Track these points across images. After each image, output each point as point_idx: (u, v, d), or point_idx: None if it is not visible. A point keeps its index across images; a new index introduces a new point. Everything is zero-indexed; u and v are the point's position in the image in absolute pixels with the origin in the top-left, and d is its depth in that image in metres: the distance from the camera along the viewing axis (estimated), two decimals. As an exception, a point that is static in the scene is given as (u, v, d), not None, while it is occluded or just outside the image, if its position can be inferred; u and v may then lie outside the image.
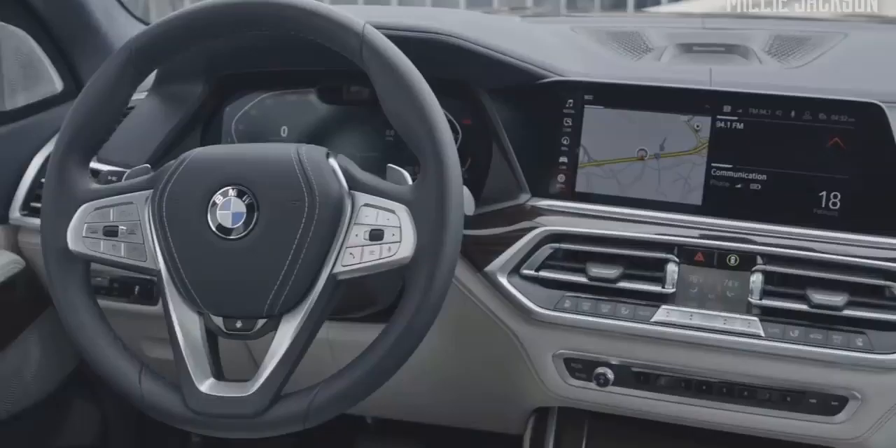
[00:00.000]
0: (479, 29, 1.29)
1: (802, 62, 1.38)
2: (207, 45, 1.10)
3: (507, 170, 1.25)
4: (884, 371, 1.09)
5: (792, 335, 1.11)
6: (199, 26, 1.07)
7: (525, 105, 1.27)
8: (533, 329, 1.19)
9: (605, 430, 1.29)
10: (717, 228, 1.17)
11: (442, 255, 0.98)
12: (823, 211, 1.15)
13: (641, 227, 1.18)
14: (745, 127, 1.18)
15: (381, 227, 1.00)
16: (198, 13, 1.07)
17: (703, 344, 1.13)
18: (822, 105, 1.16)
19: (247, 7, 1.05)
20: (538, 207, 1.22)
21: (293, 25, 1.05)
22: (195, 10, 1.07)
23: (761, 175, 1.18)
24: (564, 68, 1.27)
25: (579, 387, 1.21)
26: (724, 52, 1.43)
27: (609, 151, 1.23)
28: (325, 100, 1.37)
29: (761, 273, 1.13)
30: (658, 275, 1.16)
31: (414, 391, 1.36)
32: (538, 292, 1.18)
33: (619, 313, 1.16)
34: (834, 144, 1.15)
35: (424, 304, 0.97)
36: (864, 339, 1.10)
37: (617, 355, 1.19)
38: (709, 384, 1.18)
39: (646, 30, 1.52)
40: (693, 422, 1.22)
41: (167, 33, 1.08)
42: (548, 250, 1.19)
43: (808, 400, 1.15)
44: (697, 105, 1.20)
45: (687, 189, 1.20)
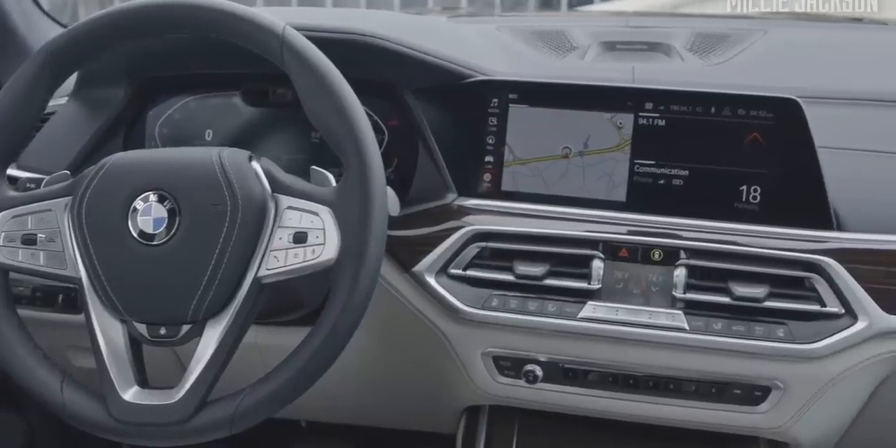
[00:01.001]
0: (403, 29, 1.29)
1: (723, 59, 1.40)
2: (127, 47, 1.08)
3: (434, 170, 1.25)
4: (804, 360, 1.11)
5: (715, 327, 1.13)
6: (117, 29, 1.06)
7: (450, 105, 1.27)
8: (461, 328, 1.20)
9: (536, 427, 1.30)
10: (641, 224, 1.18)
11: (366, 257, 0.97)
12: (744, 205, 1.17)
13: (567, 225, 1.19)
14: (666, 123, 1.20)
15: (304, 229, 1.00)
16: (115, 16, 1.05)
17: (629, 338, 1.14)
18: (741, 101, 1.18)
19: (164, 10, 1.04)
20: (465, 207, 1.22)
21: (213, 28, 1.04)
22: (112, 12, 1.06)
23: (683, 171, 1.19)
24: (489, 68, 1.28)
25: (508, 384, 1.22)
26: (647, 49, 1.45)
27: (534, 150, 1.23)
28: (250, 102, 1.36)
29: (685, 267, 1.15)
30: (584, 271, 1.17)
31: (345, 393, 1.36)
32: (466, 291, 1.18)
33: (546, 310, 1.16)
34: (753, 139, 1.17)
35: (349, 306, 0.97)
36: (785, 329, 1.12)
37: (545, 352, 1.19)
38: (636, 378, 1.19)
39: (571, 29, 1.54)
40: (622, 416, 1.23)
41: (83, 36, 1.06)
42: (475, 249, 1.19)
43: (733, 391, 1.17)
44: (620, 103, 1.21)
45: (611, 186, 1.21)
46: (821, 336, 1.11)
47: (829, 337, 1.10)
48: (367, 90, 1.25)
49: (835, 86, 1.34)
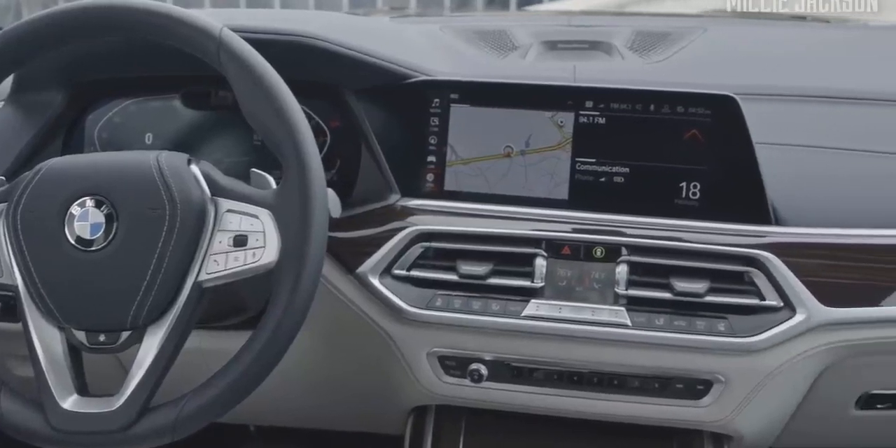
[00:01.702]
0: (343, 30, 1.29)
1: (662, 57, 1.42)
2: (63, 50, 1.07)
3: (377, 171, 1.25)
4: (745, 354, 1.13)
5: (657, 323, 1.14)
6: (49, 32, 1.04)
7: (392, 105, 1.27)
8: (406, 328, 1.19)
9: (483, 426, 1.30)
10: (583, 222, 1.19)
11: (307, 258, 0.97)
12: (684, 201, 1.19)
13: (509, 224, 1.20)
14: (606, 121, 1.21)
15: (244, 232, 0.99)
16: (47, 19, 1.04)
17: (573, 335, 1.15)
18: (679, 98, 1.19)
19: (98, 12, 1.03)
20: (408, 207, 1.22)
21: (150, 30, 1.03)
22: (44, 15, 1.05)
23: (624, 168, 1.20)
24: (430, 68, 1.28)
25: (454, 384, 1.22)
26: (588, 48, 1.46)
27: (476, 149, 1.24)
28: (191, 105, 1.35)
29: (626, 264, 1.16)
30: (527, 270, 1.17)
31: (291, 396, 1.35)
32: (410, 292, 1.18)
33: (490, 309, 1.16)
34: (692, 136, 1.19)
35: (291, 308, 0.97)
36: (725, 323, 1.13)
37: (490, 351, 1.19)
38: (580, 375, 1.19)
39: (513, 28, 1.54)
40: (568, 413, 1.23)
41: (15, 40, 1.05)
42: (418, 249, 1.19)
43: (676, 385, 1.18)
44: (560, 101, 1.22)
45: (553, 184, 1.21)
46: (760, 329, 1.12)
47: (769, 330, 1.12)
48: (308, 92, 1.26)
49: (773, 82, 1.36)
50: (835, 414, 1.28)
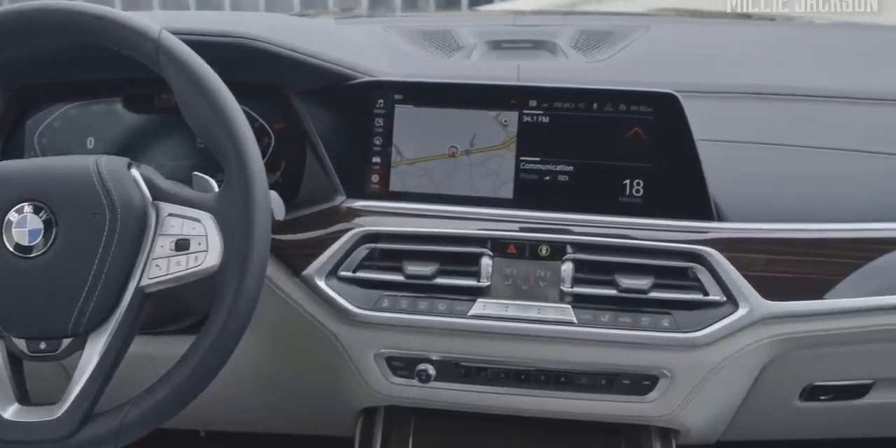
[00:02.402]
0: (285, 32, 1.28)
1: (606, 56, 1.43)
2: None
3: (322, 172, 1.25)
4: (689, 349, 1.14)
5: (602, 320, 1.14)
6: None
7: (336, 106, 1.26)
8: (353, 330, 1.19)
9: (432, 427, 1.30)
10: (528, 220, 1.19)
11: (250, 262, 0.96)
12: (628, 198, 1.20)
13: (455, 223, 1.20)
14: (550, 120, 1.21)
15: (186, 236, 0.99)
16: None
17: (520, 334, 1.16)
18: (621, 97, 1.20)
19: (34, 14, 1.01)
20: (354, 208, 1.22)
21: (86, 33, 1.02)
22: None
23: (568, 166, 1.21)
24: (374, 69, 1.28)
25: (402, 385, 1.22)
26: (532, 48, 1.47)
27: (421, 150, 1.24)
28: (133, 108, 1.33)
29: (571, 261, 1.16)
30: (473, 269, 1.17)
31: (240, 400, 1.34)
32: (356, 293, 1.18)
33: (437, 309, 1.17)
34: (634, 134, 1.20)
35: (235, 312, 0.96)
36: (669, 319, 1.14)
37: (437, 351, 1.19)
38: (528, 373, 1.20)
39: (458, 28, 1.55)
40: (517, 411, 1.24)
41: None
42: (364, 251, 1.19)
43: (622, 381, 1.19)
44: (504, 101, 1.22)
45: (498, 183, 1.22)
46: (704, 324, 1.13)
47: (712, 325, 1.13)
48: (252, 93, 1.25)
49: (714, 80, 1.38)
50: (779, 406, 1.30)
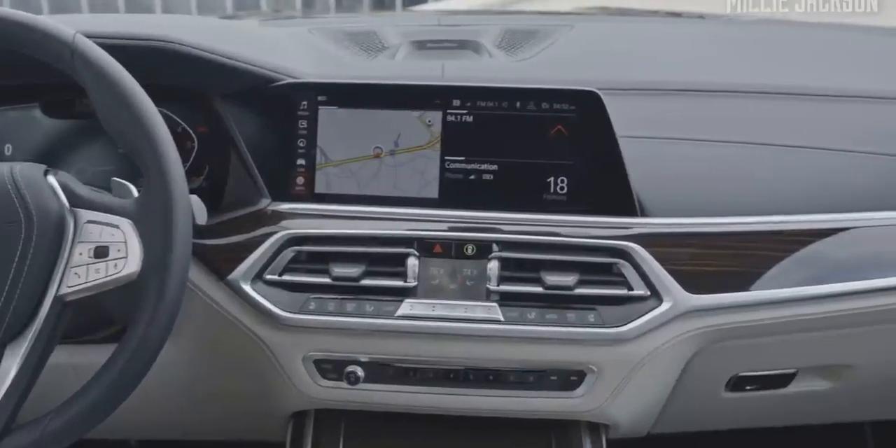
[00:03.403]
0: (205, 34, 1.27)
1: (530, 55, 1.44)
2: None
3: (246, 176, 1.23)
4: (615, 343, 1.15)
5: (529, 317, 1.15)
6: None
7: (259, 109, 1.25)
8: (280, 334, 1.18)
9: (363, 428, 1.30)
10: (454, 220, 1.20)
11: (170, 268, 0.95)
12: (552, 196, 1.20)
13: (381, 224, 1.20)
14: (474, 120, 1.22)
15: (105, 243, 0.97)
16: None
17: (448, 333, 1.16)
18: (543, 95, 1.21)
19: None
20: (279, 211, 1.21)
21: (1, 38, 1.00)
22: None
23: (493, 165, 1.21)
24: (297, 70, 1.27)
25: (331, 387, 1.21)
26: (457, 47, 1.48)
27: (346, 151, 1.23)
28: (52, 114, 1.31)
29: (497, 260, 1.17)
30: (400, 270, 1.17)
31: (169, 408, 1.32)
32: (283, 296, 1.17)
33: (364, 311, 1.16)
34: (557, 132, 1.20)
35: (156, 319, 0.95)
36: (595, 314, 1.15)
37: (365, 352, 1.19)
38: (457, 372, 1.20)
39: (383, 29, 1.55)
40: (447, 410, 1.24)
41: None
42: (290, 254, 1.18)
43: (550, 377, 1.19)
44: (428, 101, 1.22)
45: (423, 183, 1.22)
46: (629, 319, 1.15)
47: (637, 319, 1.14)
48: (173, 97, 1.24)
49: (636, 77, 1.39)
50: (707, 397, 1.32)
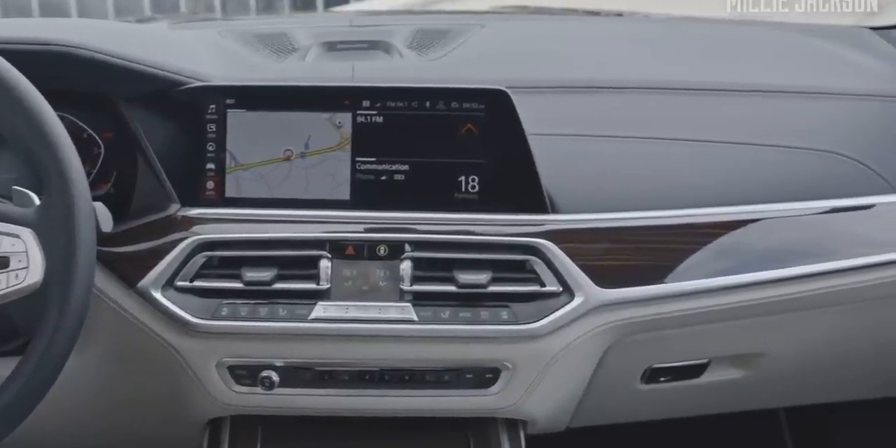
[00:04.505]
0: (110, 38, 1.25)
1: (440, 54, 1.44)
2: None
3: (155, 181, 1.22)
4: (529, 339, 1.16)
5: (443, 316, 1.15)
6: None
7: (167, 113, 1.23)
8: (193, 340, 1.17)
9: (280, 434, 1.28)
10: (366, 221, 1.19)
11: (74, 277, 0.94)
12: (464, 195, 1.21)
13: (292, 227, 1.19)
14: (384, 120, 1.22)
15: (6, 253, 0.95)
16: None
17: (362, 335, 1.16)
18: (452, 94, 1.21)
19: None
20: (189, 217, 1.20)
21: None
22: None
23: (404, 165, 1.21)
24: (204, 73, 1.26)
25: (246, 393, 1.20)
26: (368, 48, 1.47)
27: (256, 154, 1.22)
28: None
29: (410, 260, 1.17)
30: (312, 272, 1.16)
31: (82, 419, 1.30)
32: (194, 303, 1.16)
33: (277, 315, 1.15)
34: (467, 131, 1.21)
35: (60, 329, 0.94)
36: (508, 311, 1.16)
37: (280, 357, 1.18)
38: (372, 374, 1.20)
39: (293, 30, 1.54)
40: (364, 412, 1.24)
41: None
42: (201, 259, 1.17)
43: (466, 376, 1.20)
44: (337, 102, 1.22)
45: (334, 185, 1.21)
46: (542, 315, 1.16)
47: (550, 315, 1.15)
48: (77, 102, 1.22)
49: (546, 75, 1.41)
50: (623, 390, 1.34)
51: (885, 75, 1.53)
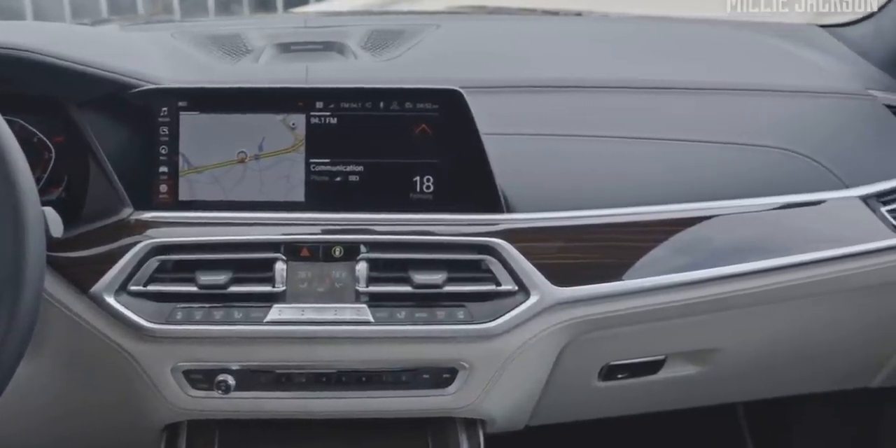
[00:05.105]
0: (60, 40, 1.24)
1: (394, 55, 1.44)
2: None
3: (107, 185, 1.20)
4: (485, 339, 1.16)
5: (399, 317, 1.15)
6: None
7: (119, 116, 1.22)
8: (147, 345, 1.16)
9: (238, 438, 1.27)
10: (321, 222, 1.19)
11: (23, 284, 0.93)
12: (419, 195, 1.21)
13: (247, 230, 1.18)
14: (338, 121, 1.21)
15: None
16: None
17: (318, 336, 1.15)
18: (406, 94, 1.21)
19: None
20: (142, 220, 1.18)
21: None
22: None
23: (358, 166, 1.21)
24: (156, 76, 1.25)
25: (203, 397, 1.19)
26: (322, 49, 1.47)
27: (209, 157, 1.21)
28: None
29: (366, 261, 1.17)
30: (268, 275, 1.16)
31: (37, 428, 1.28)
32: (148, 307, 1.15)
33: (232, 318, 1.15)
34: (422, 131, 1.21)
35: (8, 338, 0.92)
36: (464, 311, 1.16)
37: (236, 360, 1.18)
38: (329, 376, 1.20)
39: (247, 32, 1.53)
40: (321, 414, 1.24)
41: None
42: (155, 263, 1.16)
43: (422, 376, 1.20)
44: (291, 103, 1.21)
45: (289, 187, 1.21)
46: (498, 314, 1.16)
47: (506, 314, 1.16)
48: (27, 106, 1.21)
49: (500, 75, 1.41)
50: (580, 388, 1.35)
51: (835, 73, 1.56)
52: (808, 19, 2.00)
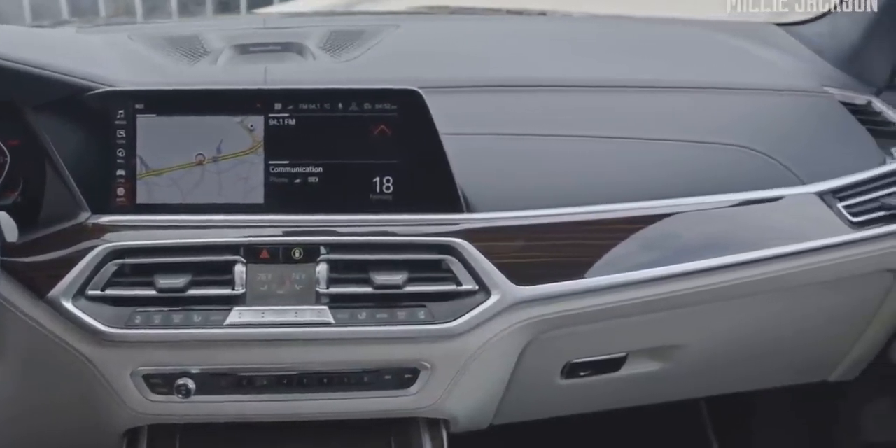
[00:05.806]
0: (13, 43, 1.22)
1: (353, 56, 1.44)
2: None
3: (64, 189, 1.19)
4: (446, 339, 1.17)
5: (360, 318, 1.15)
6: None
7: (75, 119, 1.21)
8: (106, 350, 1.15)
9: (199, 441, 1.26)
10: (280, 224, 1.19)
11: None
12: (379, 196, 1.21)
13: (206, 232, 1.17)
14: (297, 122, 1.21)
15: None
16: None
17: (279, 339, 1.15)
18: (365, 95, 1.21)
19: None
20: (100, 224, 1.17)
21: None
22: None
23: (317, 168, 1.21)
24: (112, 78, 1.23)
25: (163, 402, 1.18)
26: (281, 50, 1.46)
27: (167, 159, 1.20)
28: None
29: (326, 262, 1.16)
30: (227, 277, 1.15)
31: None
32: (106, 312, 1.14)
33: (192, 321, 1.14)
34: (381, 132, 1.21)
35: None
36: (425, 311, 1.16)
37: (196, 364, 1.17)
38: (290, 378, 1.19)
39: (205, 33, 1.52)
40: (283, 417, 1.23)
41: None
42: (113, 267, 1.15)
43: (384, 377, 1.20)
44: (249, 105, 1.20)
45: (248, 189, 1.20)
46: (458, 314, 1.16)
47: (466, 314, 1.16)
48: (-18, 110, 1.19)
49: (459, 74, 1.41)
50: (543, 386, 1.35)
51: (792, 71, 1.57)
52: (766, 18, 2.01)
